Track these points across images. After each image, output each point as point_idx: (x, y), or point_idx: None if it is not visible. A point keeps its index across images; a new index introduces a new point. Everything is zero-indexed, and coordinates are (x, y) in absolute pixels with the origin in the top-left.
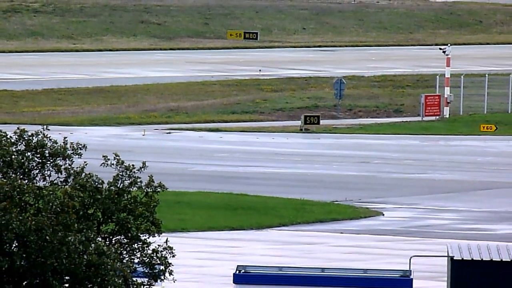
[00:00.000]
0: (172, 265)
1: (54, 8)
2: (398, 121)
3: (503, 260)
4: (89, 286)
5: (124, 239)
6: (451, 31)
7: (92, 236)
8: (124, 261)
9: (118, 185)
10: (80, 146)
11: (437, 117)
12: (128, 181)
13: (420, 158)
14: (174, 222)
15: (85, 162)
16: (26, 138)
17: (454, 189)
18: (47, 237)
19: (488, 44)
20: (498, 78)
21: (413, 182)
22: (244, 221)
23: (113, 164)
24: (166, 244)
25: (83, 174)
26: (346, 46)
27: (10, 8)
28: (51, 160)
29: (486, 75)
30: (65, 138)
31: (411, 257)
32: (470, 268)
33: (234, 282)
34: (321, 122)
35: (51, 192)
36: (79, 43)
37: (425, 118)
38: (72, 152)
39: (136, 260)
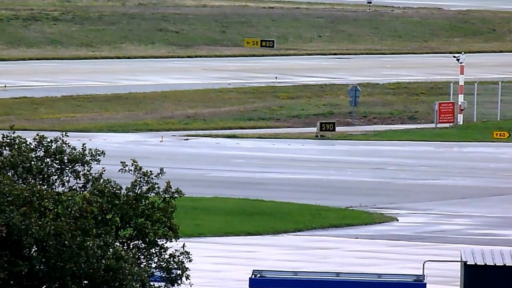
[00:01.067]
0: (189, 270)
1: (73, 16)
2: (412, 128)
3: None
4: None
5: (142, 244)
6: (464, 39)
7: (110, 241)
8: (142, 265)
9: (136, 191)
10: (99, 152)
11: (451, 124)
12: (146, 187)
13: (434, 164)
14: (191, 227)
15: (103, 168)
16: (45, 144)
17: (468, 195)
18: (66, 242)
19: (501, 52)
20: (511, 85)
21: (427, 188)
22: (260, 226)
23: (131, 170)
24: (183, 249)
25: (102, 179)
26: (361, 53)
27: (30, 17)
28: (70, 166)
29: (499, 82)
30: (83, 144)
31: (424, 262)
32: (483, 273)
33: (250, 287)
34: (337, 128)
35: (70, 198)
36: (98, 51)
37: (439, 125)
38: (90, 158)
39: (153, 265)
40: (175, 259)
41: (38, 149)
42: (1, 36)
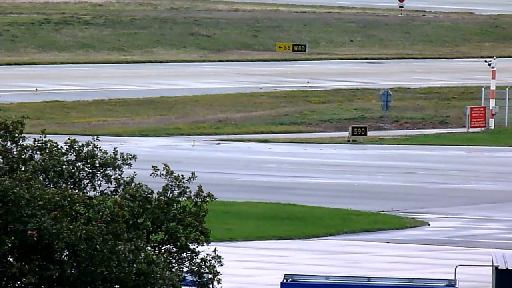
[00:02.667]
0: (220, 274)
1: (105, 20)
2: (443, 132)
3: None
4: None
5: (173, 248)
6: (496, 44)
7: (141, 245)
8: (173, 270)
9: (168, 195)
10: (130, 156)
11: (482, 128)
12: (177, 191)
13: (465, 168)
14: (222, 231)
15: (134, 172)
16: (76, 149)
17: (499, 199)
18: (97, 246)
19: None
20: None
21: (458, 192)
22: (291, 230)
23: (162, 174)
24: (215, 253)
25: (133, 184)
26: (392, 58)
27: (61, 20)
28: (101, 170)
29: None
30: (115, 148)
31: (456, 267)
32: None
33: None
34: (368, 133)
35: (101, 202)
36: (130, 55)
37: (471, 130)
38: (122, 162)
39: (185, 269)
40: (206, 263)
41: (70, 153)
42: (32, 40)
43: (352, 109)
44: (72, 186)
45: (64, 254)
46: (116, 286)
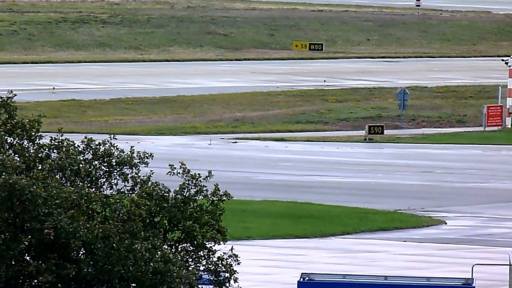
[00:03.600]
0: (237, 273)
1: (121, 19)
2: (460, 131)
3: None
4: None
5: (190, 247)
6: None
7: (158, 243)
8: (190, 268)
9: (184, 194)
10: (147, 155)
11: (499, 127)
12: (194, 190)
13: (482, 167)
14: (239, 230)
15: (151, 171)
16: (93, 147)
17: None
18: (114, 245)
19: None
20: None
21: (475, 191)
22: (308, 229)
23: (179, 173)
24: (231, 252)
25: (150, 182)
26: (409, 57)
27: (78, 19)
28: (118, 169)
29: None
30: (131, 147)
31: (473, 265)
32: None
33: None
34: (385, 132)
35: (118, 200)
36: (146, 54)
37: (487, 128)
38: (138, 161)
39: (201, 268)
40: (223, 262)
41: (86, 152)
42: (49, 38)
43: (369, 108)
44: (89, 185)
45: (81, 252)
46: (133, 284)
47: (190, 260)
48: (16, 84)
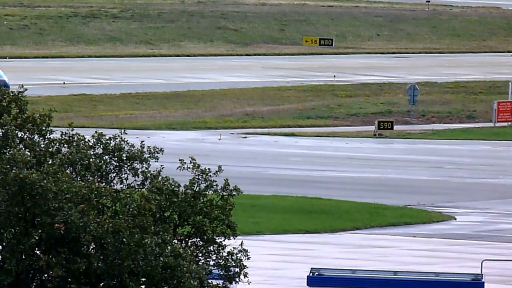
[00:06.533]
0: (247, 268)
1: (132, 14)
2: (470, 127)
3: None
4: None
5: (200, 242)
6: None
7: (168, 238)
8: (200, 263)
9: (194, 189)
10: (157, 149)
11: (509, 123)
12: (204, 185)
13: (492, 163)
14: (249, 225)
15: (161, 165)
16: (104, 142)
17: None
18: (124, 239)
19: None
20: None
21: (485, 187)
22: (318, 224)
23: (189, 167)
24: (241, 247)
25: (160, 177)
26: (419, 52)
27: (89, 14)
28: (128, 164)
29: None
30: (142, 142)
31: (482, 261)
32: None
33: (308, 285)
34: (395, 127)
35: (128, 195)
36: (157, 49)
37: (497, 124)
38: (149, 155)
39: (211, 263)
40: (233, 257)
41: (97, 147)
42: (60, 33)
43: (379, 103)
44: (99, 179)
45: (91, 247)
46: (143, 279)
47: (200, 255)
48: (27, 79)
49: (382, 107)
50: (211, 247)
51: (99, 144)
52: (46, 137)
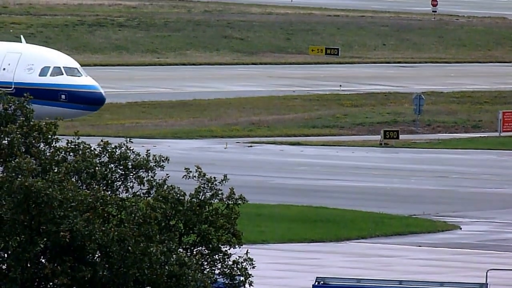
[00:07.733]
0: (252, 276)
1: (138, 23)
2: (476, 137)
3: None
4: None
5: (205, 250)
6: None
7: (173, 247)
8: (205, 272)
9: (200, 197)
10: (163, 158)
11: None
12: (210, 193)
13: (498, 173)
14: (254, 234)
15: (167, 174)
16: (109, 150)
17: None
18: (130, 248)
19: None
20: None
21: (490, 196)
22: (323, 233)
23: (195, 176)
24: (247, 256)
25: (165, 186)
26: (425, 62)
27: (95, 22)
28: (134, 172)
29: None
30: (148, 150)
31: (488, 271)
32: None
33: None
34: (400, 137)
35: (133, 204)
36: (163, 57)
37: (503, 134)
38: (154, 164)
39: (216, 271)
40: (238, 266)
41: (103, 155)
42: (66, 41)
43: (385, 113)
44: (104, 188)
45: (97, 255)
46: (148, 287)
47: (205, 263)
48: None
49: (388, 116)
50: (217, 255)
51: (105, 153)
52: (52, 145)
